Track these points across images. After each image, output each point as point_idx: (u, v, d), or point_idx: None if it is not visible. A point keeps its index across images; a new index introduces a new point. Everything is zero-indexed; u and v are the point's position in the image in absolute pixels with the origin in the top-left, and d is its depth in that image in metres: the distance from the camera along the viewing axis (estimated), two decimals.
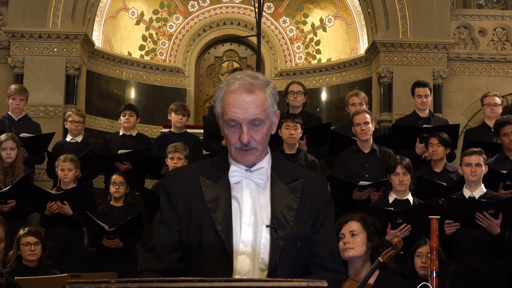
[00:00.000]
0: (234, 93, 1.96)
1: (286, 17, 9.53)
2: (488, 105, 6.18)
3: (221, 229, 1.96)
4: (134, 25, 9.28)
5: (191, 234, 2.00)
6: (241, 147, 1.98)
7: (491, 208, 4.41)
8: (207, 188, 2.02)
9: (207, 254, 1.97)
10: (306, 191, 2.05)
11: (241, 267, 1.95)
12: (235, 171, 2.02)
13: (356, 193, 5.21)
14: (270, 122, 2.02)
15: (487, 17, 8.72)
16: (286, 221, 1.98)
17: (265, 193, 2.02)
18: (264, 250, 1.96)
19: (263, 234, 1.97)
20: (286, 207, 2.00)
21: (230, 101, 1.96)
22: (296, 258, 2.00)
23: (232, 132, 1.98)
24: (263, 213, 1.99)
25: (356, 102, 6.22)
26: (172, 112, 6.40)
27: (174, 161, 5.50)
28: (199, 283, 1.50)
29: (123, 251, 5.35)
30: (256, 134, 1.98)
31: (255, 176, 2.01)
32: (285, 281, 1.54)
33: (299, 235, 1.99)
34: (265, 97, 1.99)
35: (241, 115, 1.95)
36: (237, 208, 2.00)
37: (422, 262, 4.01)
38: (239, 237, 1.97)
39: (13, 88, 6.46)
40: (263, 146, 2.02)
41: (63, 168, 5.54)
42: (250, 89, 1.96)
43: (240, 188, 2.02)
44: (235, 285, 1.53)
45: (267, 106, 1.99)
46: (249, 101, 1.95)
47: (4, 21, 8.21)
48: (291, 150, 5.54)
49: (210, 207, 1.98)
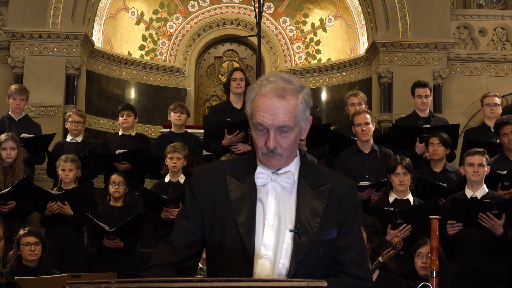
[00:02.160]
0: (265, 96, 1.90)
1: (286, 17, 9.54)
2: (488, 105, 6.18)
3: (243, 231, 1.92)
4: (134, 25, 9.28)
5: (214, 234, 1.97)
6: (267, 152, 1.93)
7: (495, 209, 4.40)
8: (233, 188, 1.98)
9: (228, 255, 1.94)
10: (333, 196, 1.99)
11: (260, 271, 1.91)
12: (262, 173, 1.97)
13: None
14: (299, 129, 1.96)
15: (487, 17, 8.72)
16: (311, 227, 1.93)
17: (290, 197, 1.98)
18: (286, 255, 1.92)
19: (285, 239, 1.93)
20: (312, 213, 1.95)
21: (260, 104, 1.91)
22: (318, 264, 1.95)
23: (260, 136, 1.93)
24: (287, 217, 1.95)
25: (355, 102, 6.22)
26: (171, 111, 6.41)
27: (173, 161, 5.50)
28: (199, 283, 1.50)
29: (123, 251, 5.35)
30: (283, 141, 1.92)
31: (282, 180, 1.97)
32: (285, 281, 1.54)
33: (322, 242, 1.94)
34: (297, 103, 1.92)
35: (269, 121, 1.89)
36: (261, 210, 1.95)
37: (422, 262, 4.01)
38: (261, 241, 1.93)
39: (14, 88, 6.46)
40: (289, 152, 1.96)
41: (64, 168, 5.54)
42: (282, 94, 1.90)
43: (266, 191, 1.97)
44: (235, 285, 1.53)
45: (298, 112, 1.92)
46: (279, 107, 1.89)
47: (4, 21, 8.21)
48: None
49: (234, 208, 1.95)
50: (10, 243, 4.64)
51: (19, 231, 4.68)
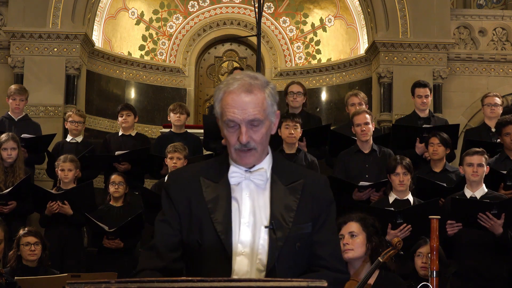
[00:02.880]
0: (233, 93, 1.96)
1: (286, 17, 9.53)
2: (488, 105, 6.18)
3: (220, 229, 1.96)
4: (134, 25, 9.28)
5: (192, 234, 2.01)
6: (241, 148, 1.98)
7: (494, 208, 4.40)
8: (207, 189, 2.03)
9: (206, 254, 1.98)
10: (306, 192, 2.04)
11: (239, 268, 1.96)
12: (235, 172, 2.02)
13: (356, 193, 5.21)
14: (269, 123, 2.02)
15: (487, 17, 8.72)
16: (285, 222, 1.98)
17: (264, 194, 2.02)
18: (263, 251, 1.96)
19: (261, 235, 1.97)
20: (286, 208, 2.00)
21: (229, 101, 1.96)
22: (295, 259, 2.00)
23: (231, 133, 1.98)
24: (262, 214, 1.99)
25: (355, 102, 6.22)
26: (171, 112, 6.42)
27: (173, 161, 5.50)
28: (199, 283, 1.50)
29: (123, 251, 5.35)
30: (255, 135, 1.98)
31: (255, 177, 2.02)
32: (285, 281, 1.54)
33: (298, 236, 1.99)
34: (264, 97, 1.99)
35: (239, 116, 1.95)
36: (236, 208, 2.00)
37: (422, 263, 4.01)
38: (237, 238, 1.97)
39: (13, 88, 6.46)
40: (262, 147, 2.01)
41: (63, 168, 5.54)
42: (249, 89, 1.96)
43: (240, 189, 2.02)
44: (235, 285, 1.53)
45: (266, 106, 1.99)
46: (247, 102, 1.95)
47: (4, 21, 8.21)
48: (290, 149, 5.54)
49: (210, 208, 1.99)
50: (10, 243, 4.64)
51: (19, 231, 4.68)
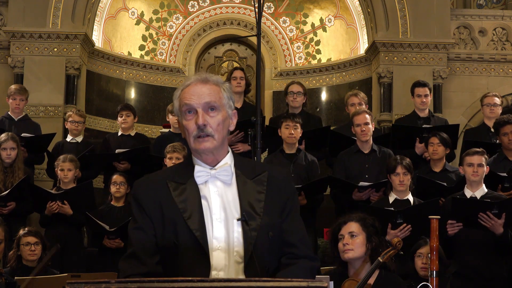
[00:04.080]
0: (190, 86, 2.07)
1: (286, 17, 9.53)
2: (487, 105, 6.18)
3: (194, 227, 2.00)
4: (134, 25, 9.28)
5: (167, 237, 2.03)
6: (198, 133, 2.03)
7: (495, 208, 4.40)
8: (176, 191, 2.06)
9: (184, 253, 2.01)
10: (271, 182, 2.10)
11: (217, 263, 2.00)
12: (200, 171, 2.07)
13: (356, 193, 5.21)
14: (226, 113, 2.08)
15: (487, 17, 8.72)
16: (256, 213, 2.03)
17: (231, 189, 2.07)
18: (238, 244, 2.01)
19: (235, 228, 2.02)
20: (255, 200, 2.06)
21: (185, 91, 2.07)
22: (270, 247, 2.05)
23: (189, 120, 2.05)
24: (233, 208, 2.04)
25: (355, 102, 6.22)
26: (169, 113, 6.41)
27: (172, 161, 5.49)
28: (199, 283, 1.50)
29: (124, 251, 5.34)
30: (211, 120, 2.03)
31: (220, 174, 2.07)
32: (285, 281, 1.54)
33: (270, 225, 2.04)
34: (220, 90, 2.08)
35: (196, 100, 2.03)
36: (206, 206, 2.04)
37: (423, 263, 4.01)
38: (212, 234, 2.01)
39: (13, 88, 6.46)
40: (220, 136, 2.06)
41: (63, 168, 5.54)
42: (205, 81, 2.07)
43: (207, 187, 2.07)
44: (235, 285, 1.54)
45: (222, 96, 2.07)
46: (204, 90, 2.05)
47: (4, 21, 8.21)
48: (291, 149, 5.54)
49: (181, 208, 2.03)
50: (10, 243, 4.64)
51: (19, 231, 4.67)
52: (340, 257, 3.52)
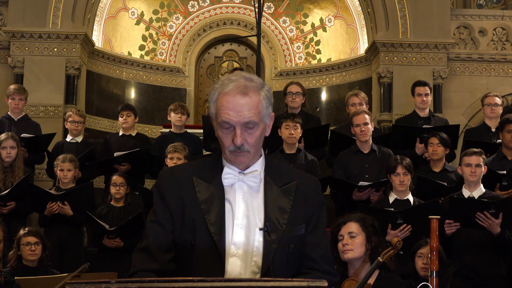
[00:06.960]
0: (228, 95, 1.94)
1: (286, 17, 9.53)
2: (488, 105, 6.18)
3: (214, 230, 1.95)
4: (134, 25, 9.28)
5: (184, 235, 1.99)
6: (234, 150, 1.97)
7: (492, 208, 4.41)
8: (201, 189, 2.01)
9: (199, 255, 1.97)
10: (300, 193, 2.04)
11: (232, 269, 1.95)
12: (229, 173, 2.01)
13: (355, 193, 5.21)
14: (264, 125, 2.01)
15: (487, 17, 8.72)
16: (279, 224, 1.98)
17: (258, 196, 2.02)
18: (257, 253, 1.96)
19: (256, 237, 1.97)
20: (280, 210, 1.99)
21: (224, 103, 1.94)
22: (289, 260, 2.00)
23: (226, 134, 1.97)
24: (256, 216, 1.99)
25: (356, 102, 6.22)
26: (171, 112, 6.41)
27: (173, 161, 5.49)
28: (199, 283, 1.49)
29: (124, 251, 5.35)
30: (249, 137, 1.96)
31: (248, 179, 2.01)
32: (285, 281, 1.54)
33: (292, 238, 1.99)
34: (260, 100, 1.97)
35: (234, 118, 1.93)
36: (229, 210, 1.99)
37: (423, 263, 4.01)
38: (231, 239, 1.96)
39: (12, 88, 6.46)
40: (256, 149, 2.00)
41: (62, 168, 5.54)
42: (245, 92, 1.94)
43: (233, 191, 2.01)
44: (236, 285, 1.53)
45: (261, 108, 1.97)
46: (243, 104, 1.93)
47: (4, 21, 8.21)
48: (291, 149, 5.54)
49: (203, 208, 1.98)
50: (10, 243, 4.63)
51: (19, 231, 4.67)
52: (340, 257, 3.52)
